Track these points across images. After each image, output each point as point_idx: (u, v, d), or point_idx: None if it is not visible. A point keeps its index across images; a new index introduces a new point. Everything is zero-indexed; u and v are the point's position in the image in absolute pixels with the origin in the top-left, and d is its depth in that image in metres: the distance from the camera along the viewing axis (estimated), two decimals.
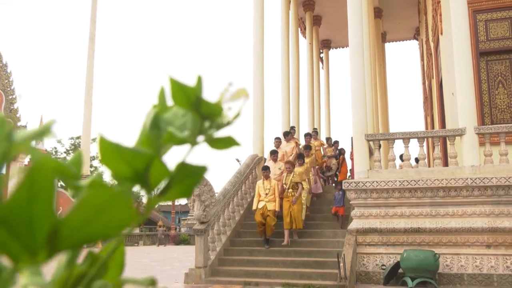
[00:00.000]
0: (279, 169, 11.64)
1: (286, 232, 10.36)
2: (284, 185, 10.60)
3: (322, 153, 14.98)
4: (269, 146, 13.98)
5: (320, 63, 22.33)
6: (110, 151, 0.37)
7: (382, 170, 10.40)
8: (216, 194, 10.73)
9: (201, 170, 0.40)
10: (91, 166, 40.88)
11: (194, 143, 0.40)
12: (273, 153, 12.09)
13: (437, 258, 8.73)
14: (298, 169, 10.87)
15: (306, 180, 11.15)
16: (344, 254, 8.91)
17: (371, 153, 10.81)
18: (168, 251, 25.71)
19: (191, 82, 0.43)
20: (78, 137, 44.05)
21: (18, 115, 22.59)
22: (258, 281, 8.92)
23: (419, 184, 9.58)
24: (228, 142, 0.41)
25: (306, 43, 20.61)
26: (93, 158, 44.28)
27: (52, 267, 0.40)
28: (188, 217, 39.46)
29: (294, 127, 15.50)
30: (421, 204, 9.65)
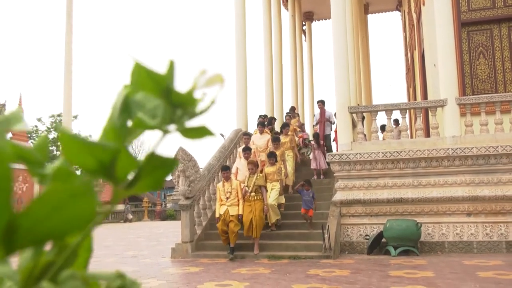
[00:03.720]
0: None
1: (256, 241, 9.17)
2: (247, 188, 9.36)
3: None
4: (253, 120, 13.91)
5: (303, 36, 22.18)
6: (73, 145, 0.35)
7: (365, 142, 10.49)
8: (201, 169, 10.72)
9: (171, 162, 0.38)
10: None
11: (165, 131, 0.38)
12: (245, 150, 10.53)
13: (419, 227, 8.92)
14: (269, 169, 9.77)
15: (279, 180, 9.86)
16: (328, 226, 9.04)
17: (354, 125, 10.87)
18: (154, 226, 25.80)
19: (162, 67, 0.41)
20: (59, 115, 43.40)
21: None
22: (244, 254, 9.02)
23: (401, 155, 9.70)
24: (201, 132, 0.39)
25: (289, 15, 20.40)
26: None
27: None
28: (174, 193, 39.49)
29: (267, 116, 14.29)
30: (404, 175, 9.79)
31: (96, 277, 0.37)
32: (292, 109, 15.65)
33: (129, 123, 0.39)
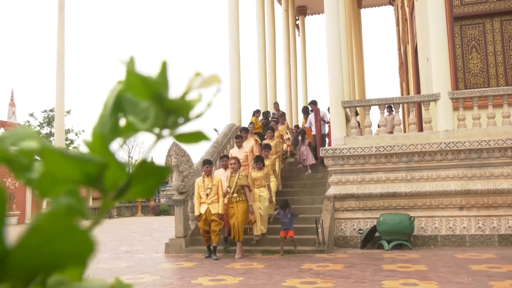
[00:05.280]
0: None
1: (238, 244, 8.69)
2: (228, 189, 8.80)
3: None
4: (247, 115, 13.85)
5: (296, 30, 22.14)
6: (57, 161, 0.33)
7: (359, 136, 10.51)
8: (194, 164, 10.70)
9: (163, 170, 0.37)
10: (66, 139, 40.28)
11: (159, 136, 0.36)
12: (223, 158, 9.78)
13: (412, 221, 8.96)
14: (256, 174, 9.23)
15: (266, 186, 9.30)
16: (322, 220, 9.07)
17: (348, 120, 10.89)
18: (148, 222, 25.76)
19: (154, 67, 0.39)
20: (51, 110, 43.12)
21: None
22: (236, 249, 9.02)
23: (394, 149, 9.73)
24: (197, 137, 0.38)
25: (282, 9, 20.35)
26: (68, 131, 43.60)
27: None
28: (167, 188, 39.42)
29: (260, 111, 14.33)
30: (397, 169, 9.82)
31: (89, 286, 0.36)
32: (276, 106, 15.03)
33: (122, 121, 0.37)
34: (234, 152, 10.77)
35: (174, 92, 0.39)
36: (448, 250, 8.66)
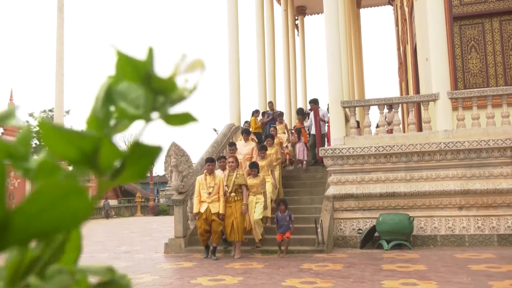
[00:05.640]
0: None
1: (237, 245, 8.62)
2: (226, 188, 8.67)
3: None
4: (246, 115, 13.88)
5: (296, 30, 22.15)
6: (54, 135, 0.34)
7: (358, 136, 10.51)
8: (194, 164, 10.70)
9: (156, 150, 0.37)
10: None
11: (148, 119, 0.37)
12: (220, 159, 9.54)
13: (412, 221, 8.96)
14: (252, 181, 8.98)
15: (263, 193, 9.10)
16: (321, 220, 9.07)
17: (347, 119, 10.89)
18: (147, 221, 25.76)
19: (141, 55, 0.40)
20: (51, 110, 43.12)
21: None
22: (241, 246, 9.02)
23: (394, 149, 9.73)
24: (185, 118, 0.38)
25: (281, 9, 20.36)
26: None
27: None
28: (167, 188, 39.44)
29: (259, 111, 14.22)
30: (396, 169, 9.82)
31: (84, 271, 0.37)
32: (270, 105, 14.82)
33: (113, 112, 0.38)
34: (240, 145, 11.08)
35: (161, 74, 0.40)
36: (447, 250, 8.67)
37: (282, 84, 20.16)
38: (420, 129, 11.45)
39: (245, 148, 10.96)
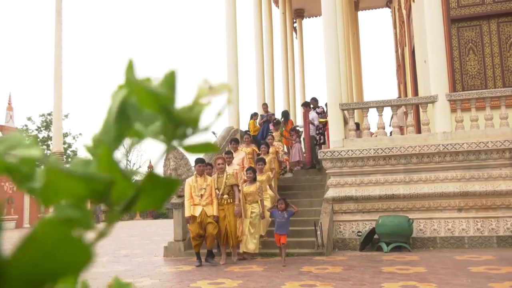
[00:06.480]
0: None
1: (222, 249, 8.34)
2: (217, 191, 8.28)
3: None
4: (245, 118, 13.85)
5: (294, 33, 22.17)
6: (62, 179, 0.33)
7: (357, 138, 10.51)
8: (193, 168, 10.69)
9: (173, 183, 0.36)
10: (64, 143, 40.21)
11: (168, 146, 0.36)
12: (207, 166, 8.83)
13: (411, 223, 8.96)
14: (248, 189, 8.49)
15: (259, 201, 8.54)
16: (321, 223, 9.06)
17: (346, 122, 10.89)
18: (146, 225, 25.72)
19: (160, 75, 0.37)
20: (49, 114, 43.08)
21: None
22: (237, 251, 9.00)
23: (393, 151, 9.73)
24: (205, 148, 0.37)
25: (279, 12, 20.38)
26: (65, 135, 43.53)
27: None
28: None
29: (257, 114, 14.04)
30: (395, 171, 9.83)
31: None
32: (265, 107, 14.57)
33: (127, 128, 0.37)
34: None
35: (181, 100, 0.38)
36: (447, 251, 8.66)
37: (280, 87, 20.18)
38: (418, 131, 11.45)
39: (236, 159, 10.14)
